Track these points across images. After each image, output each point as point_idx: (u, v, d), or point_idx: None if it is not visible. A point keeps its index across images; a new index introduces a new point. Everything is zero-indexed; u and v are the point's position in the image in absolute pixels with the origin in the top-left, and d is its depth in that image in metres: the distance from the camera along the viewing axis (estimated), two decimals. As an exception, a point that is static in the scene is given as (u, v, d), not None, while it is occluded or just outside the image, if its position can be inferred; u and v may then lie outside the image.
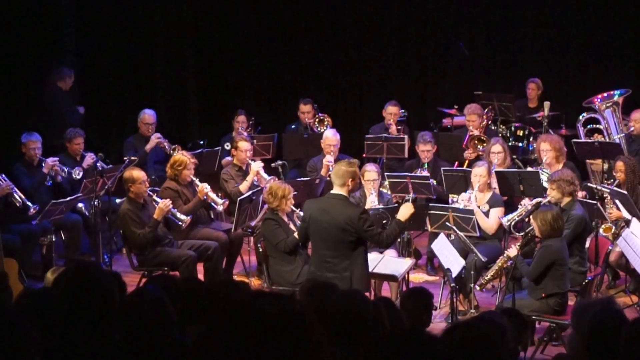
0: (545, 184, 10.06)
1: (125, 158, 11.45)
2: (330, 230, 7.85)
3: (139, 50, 15.03)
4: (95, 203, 10.59)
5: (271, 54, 15.67)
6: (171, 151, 11.86)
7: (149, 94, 14.93)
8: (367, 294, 8.23)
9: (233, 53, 15.71)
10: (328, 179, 11.08)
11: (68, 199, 10.52)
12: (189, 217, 9.97)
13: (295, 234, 9.25)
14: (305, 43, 15.58)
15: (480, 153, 11.75)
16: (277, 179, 10.67)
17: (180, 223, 9.92)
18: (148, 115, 12.40)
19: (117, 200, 10.83)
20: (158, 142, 12.07)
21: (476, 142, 12.05)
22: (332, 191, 8.05)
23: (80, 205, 11.14)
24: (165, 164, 10.84)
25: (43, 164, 11.00)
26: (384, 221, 8.86)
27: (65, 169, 11.12)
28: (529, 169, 11.14)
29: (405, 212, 8.15)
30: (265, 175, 10.92)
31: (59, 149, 11.65)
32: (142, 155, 11.88)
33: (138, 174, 9.86)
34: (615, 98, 11.92)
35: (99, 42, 14.40)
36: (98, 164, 11.37)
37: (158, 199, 9.86)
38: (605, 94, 11.97)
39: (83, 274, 3.98)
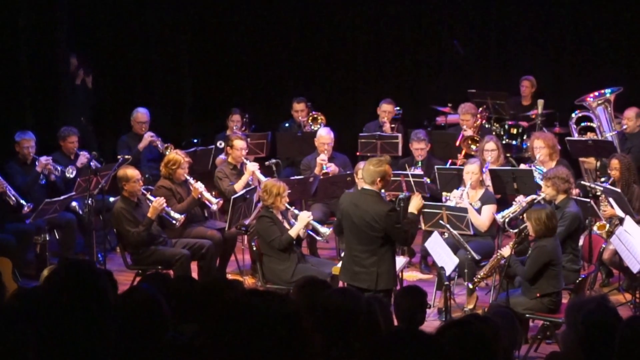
0: (539, 181, 10.08)
1: (119, 157, 11.44)
2: (359, 224, 7.89)
3: (133, 48, 15.01)
4: (89, 202, 10.59)
5: (265, 53, 15.66)
6: (164, 149, 11.87)
7: (143, 93, 14.91)
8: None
9: (227, 51, 15.70)
10: (322, 177, 11.12)
11: (62, 197, 10.52)
12: (183, 216, 9.97)
13: (290, 232, 9.27)
14: (299, 41, 15.58)
15: (474, 153, 11.75)
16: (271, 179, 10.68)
17: (174, 222, 9.92)
18: (141, 113, 12.41)
19: (111, 199, 10.83)
20: (151, 141, 12.08)
21: (469, 142, 12.05)
22: (364, 186, 8.10)
23: (74, 204, 11.13)
24: (159, 162, 10.86)
25: (37, 163, 10.99)
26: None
27: (59, 168, 11.11)
28: (522, 166, 11.15)
29: (417, 204, 8.23)
30: (261, 177, 10.90)
31: (54, 148, 11.64)
32: (136, 154, 11.88)
33: (132, 172, 9.87)
34: (607, 96, 11.94)
35: (93, 41, 14.38)
36: (92, 163, 11.38)
37: (152, 198, 9.87)
38: (597, 93, 12.00)
39: (75, 271, 3.97)
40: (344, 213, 8.11)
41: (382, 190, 10.62)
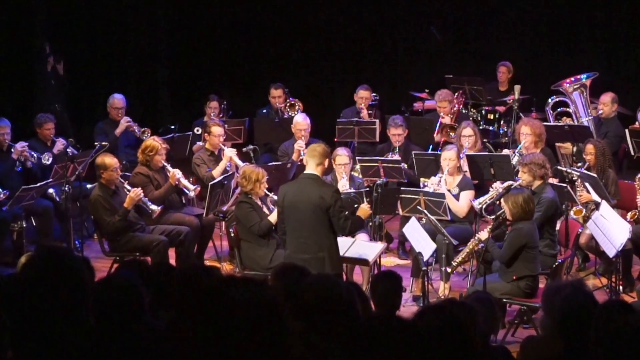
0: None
1: (96, 143, 11.39)
2: (305, 210, 7.95)
3: (110, 35, 14.93)
4: (66, 189, 10.54)
5: (242, 39, 15.62)
6: (141, 134, 11.83)
7: (120, 79, 14.85)
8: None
9: (205, 37, 15.65)
10: (299, 163, 11.11)
11: (39, 184, 10.46)
12: (159, 207, 9.94)
13: (269, 217, 9.27)
14: (277, 28, 15.54)
15: (452, 140, 11.77)
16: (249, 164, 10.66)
17: (150, 212, 9.89)
18: (117, 99, 12.35)
19: (88, 186, 10.79)
20: (127, 126, 12.03)
21: (448, 130, 12.07)
22: (305, 172, 8.18)
23: (51, 190, 11.07)
24: (136, 149, 10.80)
25: (12, 150, 10.92)
26: (355, 205, 8.91)
27: (35, 155, 11.05)
28: (506, 151, 11.16)
29: (364, 212, 8.43)
30: (239, 162, 10.89)
31: (29, 134, 11.58)
32: (113, 140, 11.82)
33: (110, 160, 9.82)
34: (583, 81, 12.00)
35: (70, 28, 14.29)
36: (69, 150, 11.33)
37: (129, 187, 9.83)
38: (573, 78, 12.05)
39: (52, 258, 3.96)
40: (286, 204, 8.14)
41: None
